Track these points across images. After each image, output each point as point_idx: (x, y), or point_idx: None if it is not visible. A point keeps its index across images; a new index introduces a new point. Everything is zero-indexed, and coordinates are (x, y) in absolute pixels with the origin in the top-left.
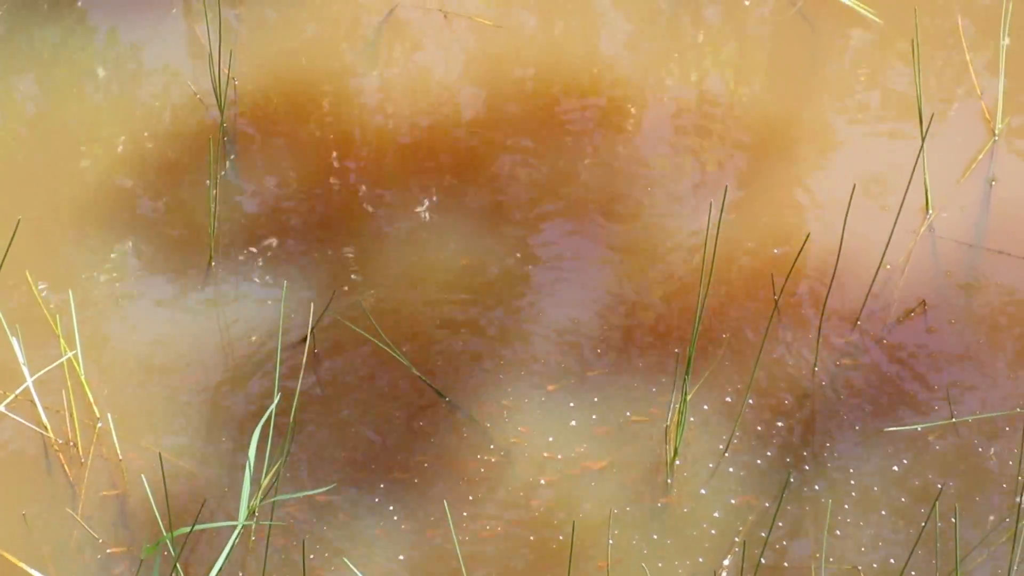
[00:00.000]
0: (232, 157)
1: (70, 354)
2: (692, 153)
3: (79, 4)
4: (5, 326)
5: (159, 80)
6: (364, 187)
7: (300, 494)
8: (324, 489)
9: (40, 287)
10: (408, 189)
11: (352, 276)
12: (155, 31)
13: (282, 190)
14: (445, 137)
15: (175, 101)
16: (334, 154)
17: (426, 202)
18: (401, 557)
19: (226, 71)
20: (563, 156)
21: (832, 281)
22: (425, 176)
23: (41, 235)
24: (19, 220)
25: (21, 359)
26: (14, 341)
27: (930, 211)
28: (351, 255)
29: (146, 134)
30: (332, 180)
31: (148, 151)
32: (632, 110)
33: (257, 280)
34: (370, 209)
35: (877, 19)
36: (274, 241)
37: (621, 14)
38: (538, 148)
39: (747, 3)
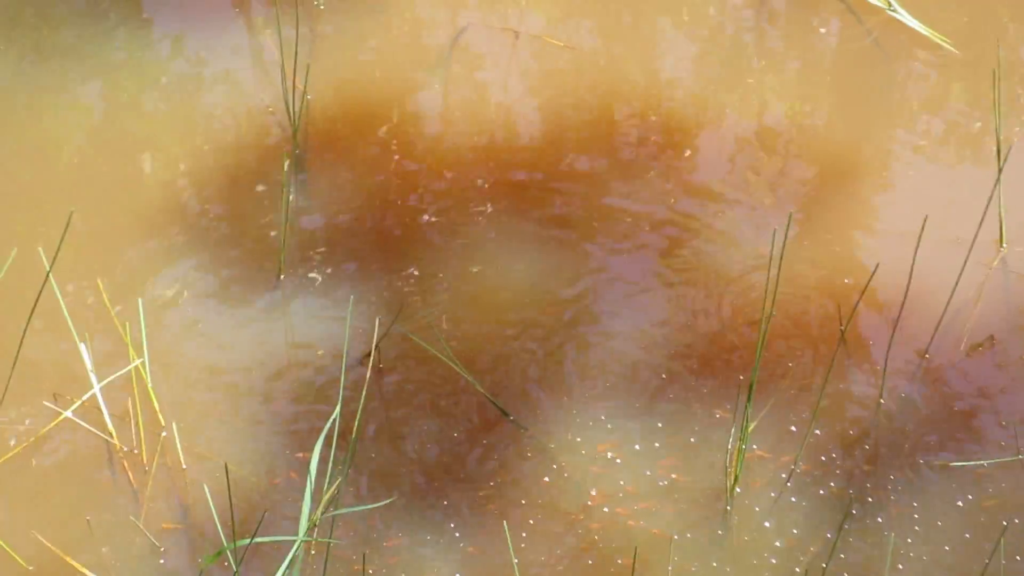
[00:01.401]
0: (302, 171)
1: (137, 362)
2: (756, 179)
3: (144, 15)
4: (74, 333)
5: (227, 92)
6: (431, 205)
7: (360, 508)
8: (384, 503)
9: (109, 296)
10: (473, 208)
11: (417, 293)
12: (221, 43)
13: (351, 205)
14: (509, 158)
15: (245, 113)
16: (402, 172)
17: (489, 222)
18: (458, 575)
19: (300, 86)
20: (626, 179)
21: (900, 312)
22: (490, 196)
23: (111, 244)
24: (71, 212)
25: (89, 366)
26: (82, 347)
27: (1004, 245)
28: (417, 272)
29: (215, 146)
30: (400, 197)
31: (217, 163)
32: (696, 135)
33: (324, 294)
34: (436, 227)
35: (953, 48)
36: (341, 256)
37: (690, 38)
38: (602, 170)
39: (823, 31)
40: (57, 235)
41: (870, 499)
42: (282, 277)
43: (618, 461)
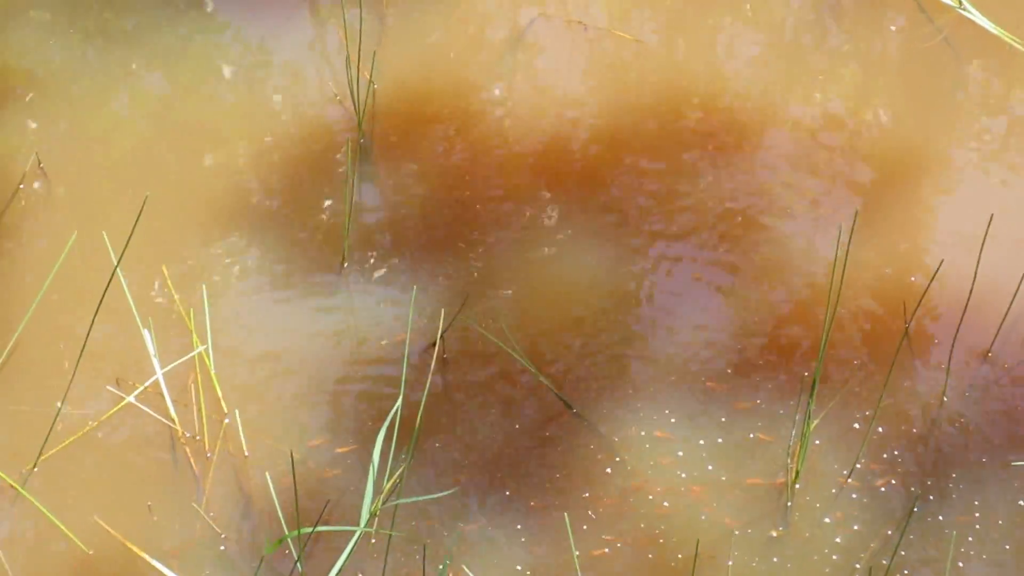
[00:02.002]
0: (366, 160)
1: (201, 348)
2: (820, 177)
3: (209, 3)
4: (137, 318)
5: (291, 81)
6: (494, 197)
7: (422, 499)
8: (446, 493)
9: (173, 282)
10: (536, 201)
11: (480, 284)
12: (285, 31)
13: (414, 195)
14: (572, 151)
15: (309, 102)
16: (466, 163)
17: (552, 214)
18: (519, 567)
19: (367, 75)
20: (690, 174)
21: (965, 311)
22: (553, 189)
23: (175, 230)
24: (146, 197)
25: (152, 351)
26: (146, 333)
27: None
28: (481, 263)
29: (279, 134)
30: (463, 189)
31: (281, 151)
32: (760, 131)
33: (387, 283)
34: (499, 219)
35: None
36: (404, 246)
37: (754, 33)
38: (665, 165)
39: (892, 28)
40: (118, 220)
41: (931, 497)
42: (345, 265)
43: (680, 454)
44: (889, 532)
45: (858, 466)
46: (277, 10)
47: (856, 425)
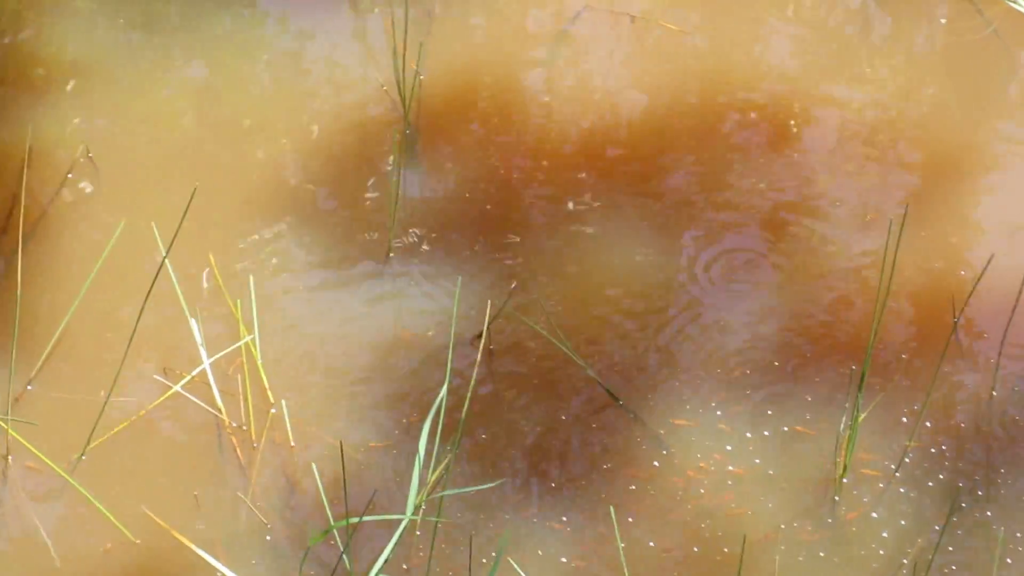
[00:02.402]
0: (412, 150)
1: (248, 338)
2: (867, 169)
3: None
4: (185, 308)
5: (336, 71)
6: (540, 188)
7: (467, 490)
8: (491, 485)
9: (221, 271)
10: (582, 192)
11: (526, 275)
12: (329, 20)
13: (460, 186)
14: (617, 142)
15: (354, 92)
16: (512, 154)
17: (598, 206)
18: (563, 559)
19: (413, 66)
20: (736, 166)
21: (1015, 306)
22: (599, 181)
23: (220, 220)
24: (194, 188)
25: (199, 341)
26: (193, 323)
27: None
28: (526, 255)
29: (324, 124)
30: (509, 180)
31: (327, 141)
32: (806, 123)
33: (432, 274)
34: (544, 210)
35: None
36: (450, 236)
37: (799, 24)
38: (710, 156)
39: (942, 21)
40: (165, 209)
41: (979, 492)
42: (391, 256)
43: (728, 448)
44: (936, 528)
45: (906, 460)
46: (319, 4)
47: (904, 419)
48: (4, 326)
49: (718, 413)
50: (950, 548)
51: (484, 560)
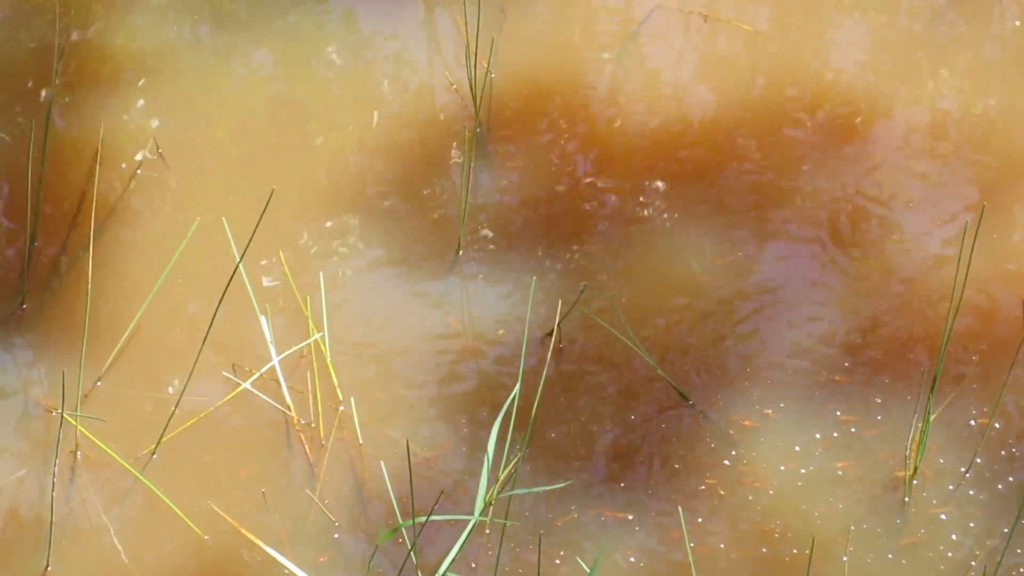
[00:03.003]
0: (482, 148)
1: (317, 335)
2: (938, 171)
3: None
4: (255, 305)
5: (406, 68)
6: (610, 188)
7: (536, 490)
8: (561, 485)
9: (290, 268)
10: (651, 192)
11: (596, 274)
12: (398, 17)
13: (530, 185)
14: (687, 142)
15: (425, 90)
16: (582, 153)
17: (666, 206)
18: (632, 559)
19: (483, 64)
20: (803, 166)
21: None
22: (668, 181)
23: (291, 217)
24: (272, 191)
25: (268, 338)
26: (262, 319)
27: None
28: (595, 254)
29: (394, 121)
30: (579, 179)
31: (396, 138)
32: (877, 124)
33: (502, 272)
34: (614, 210)
35: None
36: (519, 235)
37: (869, 22)
38: (779, 157)
39: (1017, 23)
40: (231, 205)
41: None
42: (460, 253)
43: (797, 448)
44: (1005, 530)
45: (976, 462)
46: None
47: (972, 422)
48: (74, 323)
49: (787, 413)
50: (1019, 550)
51: (557, 560)
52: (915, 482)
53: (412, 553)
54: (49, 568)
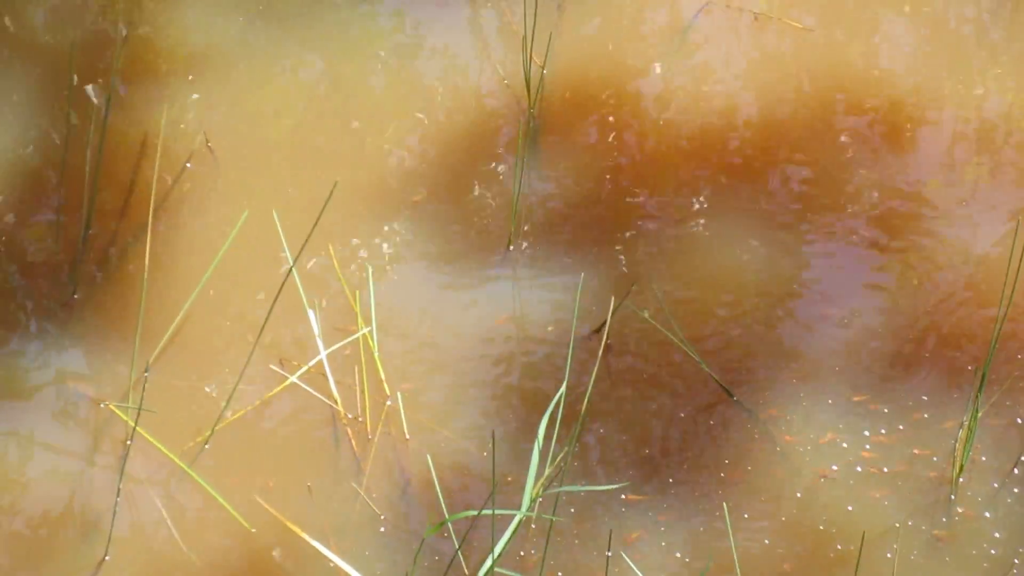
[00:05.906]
0: (534, 145)
1: (365, 330)
2: (984, 171)
3: None
4: (304, 300)
5: (457, 63)
6: (661, 187)
7: (584, 488)
8: (609, 487)
9: (339, 263)
10: (700, 190)
11: (645, 271)
12: (449, 14)
13: (582, 182)
14: (737, 143)
15: (477, 85)
16: (634, 151)
17: (717, 205)
18: (678, 554)
19: (536, 59)
20: (850, 165)
21: None
22: (717, 178)
23: (340, 212)
24: (335, 183)
25: (316, 332)
26: (310, 313)
27: None
28: (644, 251)
29: (445, 117)
30: (630, 177)
31: (446, 133)
32: (924, 123)
33: (552, 268)
34: (663, 207)
35: None
36: (570, 232)
37: (916, 24)
38: (827, 156)
39: None
40: (281, 199)
41: None
42: (511, 249)
43: (844, 445)
44: None
45: (1023, 460)
46: None
47: (1019, 420)
48: (123, 313)
49: (834, 410)
50: None
51: (608, 554)
52: (961, 480)
53: (459, 549)
54: (107, 558)
